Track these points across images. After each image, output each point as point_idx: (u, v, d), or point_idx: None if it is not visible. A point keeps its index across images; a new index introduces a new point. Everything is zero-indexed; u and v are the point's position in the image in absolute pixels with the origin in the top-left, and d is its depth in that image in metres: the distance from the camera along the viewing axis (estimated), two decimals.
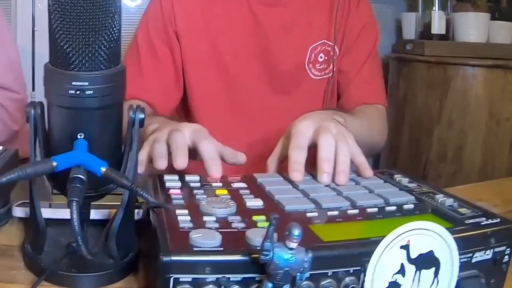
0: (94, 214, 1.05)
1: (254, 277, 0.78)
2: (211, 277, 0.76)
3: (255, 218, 0.91)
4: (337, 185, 1.12)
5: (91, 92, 0.84)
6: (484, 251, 0.90)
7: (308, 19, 1.90)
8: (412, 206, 1.02)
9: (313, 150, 1.20)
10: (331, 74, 1.92)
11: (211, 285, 0.77)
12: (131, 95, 1.72)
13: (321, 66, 1.91)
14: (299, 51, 1.90)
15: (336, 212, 0.97)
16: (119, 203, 0.93)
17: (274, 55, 1.88)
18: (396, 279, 0.79)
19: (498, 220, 0.95)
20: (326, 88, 1.94)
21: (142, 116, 0.94)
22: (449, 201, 1.03)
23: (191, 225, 0.86)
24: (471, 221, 0.94)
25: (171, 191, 1.03)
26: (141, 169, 1.22)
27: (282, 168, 1.24)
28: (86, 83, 0.83)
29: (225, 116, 1.91)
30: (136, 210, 1.03)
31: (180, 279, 0.76)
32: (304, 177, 1.15)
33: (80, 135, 0.86)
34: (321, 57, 1.90)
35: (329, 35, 1.92)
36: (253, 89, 1.90)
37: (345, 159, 1.17)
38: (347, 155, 1.18)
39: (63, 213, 1.02)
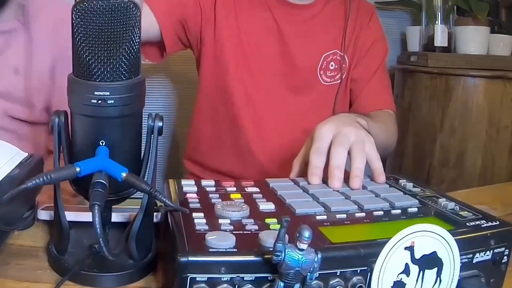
0: (115, 217, 1.05)
1: (267, 277, 0.78)
2: (226, 277, 0.76)
3: (267, 221, 0.91)
4: (351, 189, 1.13)
5: (112, 101, 0.84)
6: (484, 252, 0.90)
7: (323, 29, 1.96)
8: (416, 209, 1.02)
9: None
10: (339, 81, 1.95)
11: (225, 284, 0.77)
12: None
13: (331, 74, 1.96)
14: (313, 57, 1.95)
15: (344, 215, 0.97)
16: (139, 207, 0.93)
17: (291, 58, 1.93)
18: (401, 279, 0.79)
19: (498, 222, 0.95)
20: (336, 94, 1.97)
21: (160, 124, 0.94)
22: (451, 205, 1.03)
23: (206, 227, 0.86)
24: (472, 223, 0.94)
25: (188, 195, 1.03)
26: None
27: (306, 172, 1.25)
28: (108, 93, 0.83)
29: (254, 107, 1.95)
30: (155, 213, 1.03)
31: (197, 279, 0.76)
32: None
33: (102, 142, 0.86)
34: (332, 65, 1.94)
35: (341, 46, 1.97)
36: (274, 87, 1.95)
37: (360, 166, 1.18)
38: (362, 161, 1.19)
39: (86, 216, 1.02)
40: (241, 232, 0.86)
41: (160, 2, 1.80)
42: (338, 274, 0.80)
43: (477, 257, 0.89)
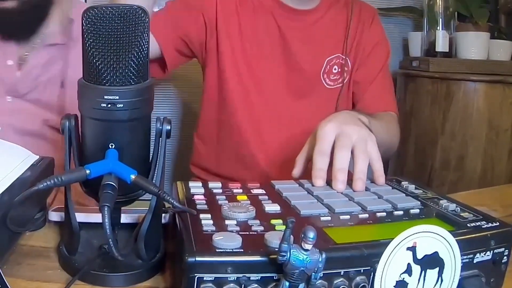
0: (124, 218, 1.05)
1: (272, 276, 0.78)
2: (233, 276, 0.76)
3: (273, 221, 0.91)
4: (354, 191, 1.13)
5: (122, 105, 0.84)
6: (484, 252, 0.90)
7: (326, 34, 1.96)
8: (418, 210, 1.01)
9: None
10: (342, 84, 1.95)
11: (232, 284, 0.77)
12: None
13: (335, 77, 1.96)
14: (316, 62, 1.95)
15: (348, 216, 0.97)
16: (147, 208, 0.93)
17: (295, 63, 1.93)
18: (403, 278, 0.79)
19: (497, 223, 0.95)
20: (338, 97, 1.97)
21: (168, 127, 0.94)
22: (452, 206, 1.02)
23: (213, 228, 0.86)
24: (472, 224, 0.94)
25: (195, 196, 1.03)
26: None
27: (308, 169, 1.24)
28: (117, 97, 0.84)
29: (255, 114, 1.95)
30: (163, 215, 1.03)
31: (204, 278, 0.76)
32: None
33: (111, 145, 0.87)
34: (335, 69, 1.94)
35: (343, 50, 1.96)
36: (277, 92, 1.94)
37: (363, 168, 1.17)
38: (365, 163, 1.19)
39: (96, 217, 1.02)
40: (247, 232, 0.86)
41: (159, 21, 1.79)
42: (342, 274, 0.80)
43: (477, 257, 0.89)
